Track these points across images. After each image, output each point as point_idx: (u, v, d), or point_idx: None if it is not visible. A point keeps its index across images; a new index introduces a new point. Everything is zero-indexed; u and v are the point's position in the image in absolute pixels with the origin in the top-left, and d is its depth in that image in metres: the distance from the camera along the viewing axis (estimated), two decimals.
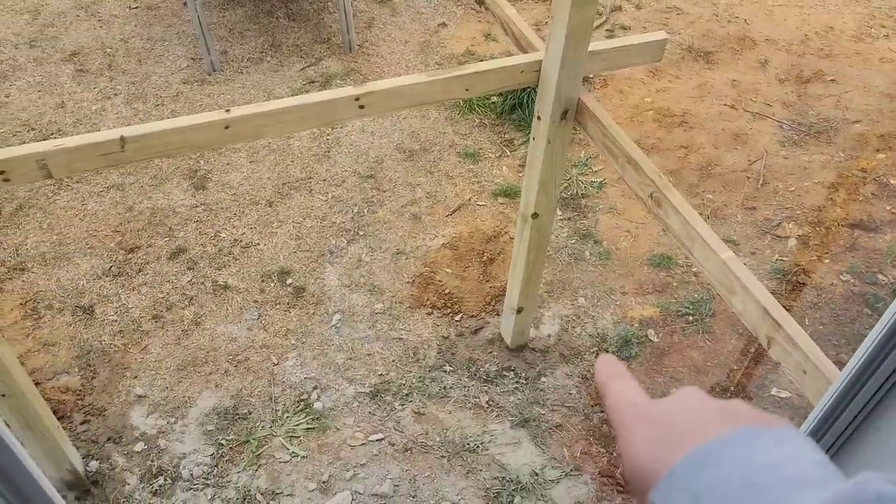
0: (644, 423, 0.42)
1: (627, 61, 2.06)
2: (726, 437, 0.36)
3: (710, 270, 1.62)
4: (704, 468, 0.35)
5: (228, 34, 4.39)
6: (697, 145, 3.67)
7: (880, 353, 0.95)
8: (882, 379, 1.00)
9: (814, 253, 3.16)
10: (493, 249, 3.18)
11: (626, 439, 0.42)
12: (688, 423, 0.39)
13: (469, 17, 4.58)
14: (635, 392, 0.46)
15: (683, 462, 0.36)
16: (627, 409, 0.44)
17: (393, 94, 1.85)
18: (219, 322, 2.87)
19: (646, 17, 4.56)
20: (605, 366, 0.51)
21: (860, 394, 1.00)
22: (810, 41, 4.36)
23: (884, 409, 1.05)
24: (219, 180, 3.47)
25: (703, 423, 0.38)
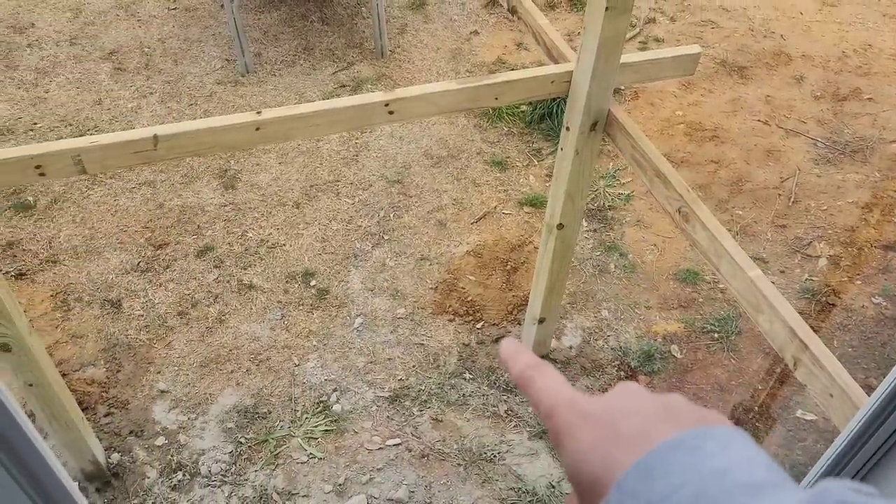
0: (586, 424, 0.40)
1: (659, 74, 2.04)
2: (672, 440, 0.35)
3: (736, 288, 1.60)
4: (654, 477, 0.34)
5: (263, 36, 4.45)
6: (728, 160, 3.63)
7: None
8: None
9: (845, 274, 3.10)
10: (517, 258, 3.17)
11: (570, 445, 0.40)
12: (632, 424, 0.38)
13: (501, 25, 4.59)
14: (567, 387, 0.44)
15: (632, 471, 0.35)
16: (566, 410, 0.41)
17: (422, 100, 1.86)
18: (242, 321, 2.90)
19: (680, 29, 4.52)
20: (517, 353, 0.48)
21: (889, 420, 0.98)
22: (848, 58, 4.29)
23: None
24: (248, 180, 3.51)
25: (647, 425, 0.38)
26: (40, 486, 0.48)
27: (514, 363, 0.47)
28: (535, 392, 0.44)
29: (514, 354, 0.48)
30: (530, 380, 0.45)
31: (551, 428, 0.42)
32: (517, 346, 0.49)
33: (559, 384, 0.44)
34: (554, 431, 0.42)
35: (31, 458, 0.47)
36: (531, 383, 0.45)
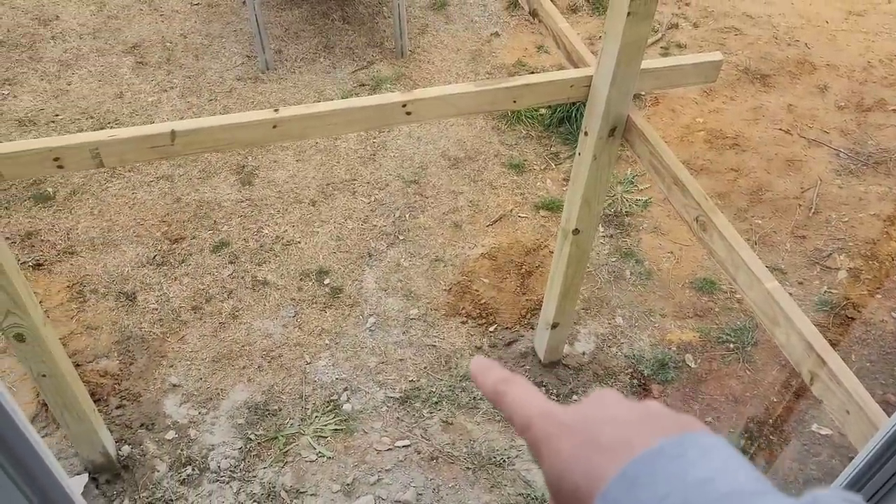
0: (564, 433, 0.39)
1: (680, 81, 2.02)
2: (654, 449, 0.35)
3: (753, 299, 1.58)
4: (639, 486, 0.34)
5: (284, 34, 4.46)
6: (748, 169, 3.59)
7: None
8: None
9: (865, 287, 3.05)
10: (531, 262, 3.15)
11: (549, 455, 0.39)
12: (612, 432, 0.38)
13: (522, 27, 4.57)
14: (540, 398, 0.43)
15: (616, 481, 0.34)
16: (542, 420, 0.41)
17: (440, 101, 1.85)
18: (255, 317, 2.90)
19: (703, 35, 4.48)
20: (488, 369, 0.47)
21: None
22: (873, 69, 4.23)
23: None
24: (265, 177, 3.52)
25: (627, 432, 0.37)
26: (38, 487, 0.48)
27: (485, 378, 0.47)
28: (508, 405, 0.44)
29: (485, 370, 0.47)
30: (502, 394, 0.45)
31: (528, 440, 0.42)
32: (487, 362, 0.48)
33: (532, 395, 0.44)
34: (532, 443, 0.41)
35: (29, 459, 0.46)
36: (503, 397, 0.45)
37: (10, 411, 0.44)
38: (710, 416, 2.62)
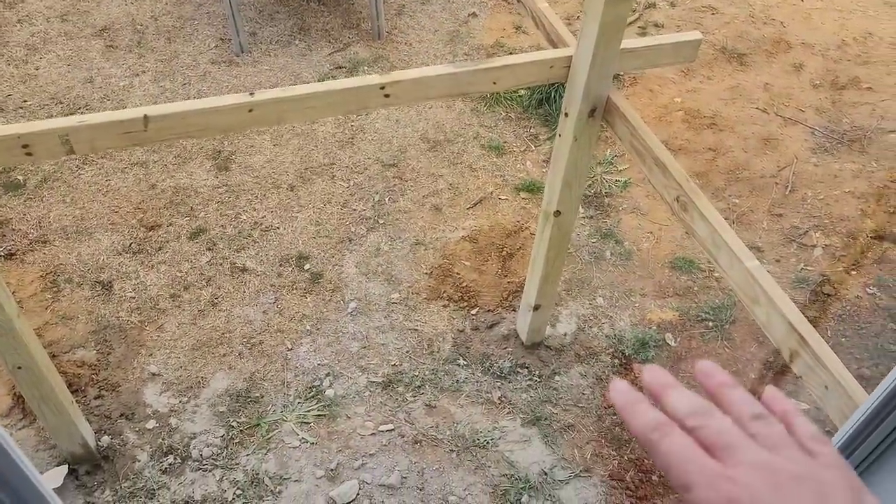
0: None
1: (659, 61, 2.01)
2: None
3: (734, 278, 1.59)
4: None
5: (258, 16, 4.39)
6: (726, 148, 3.61)
7: None
8: None
9: (840, 264, 3.09)
10: (512, 244, 3.15)
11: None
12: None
13: (500, 7, 4.53)
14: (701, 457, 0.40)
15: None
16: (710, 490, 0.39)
17: (418, 84, 1.83)
18: (235, 304, 2.87)
19: (680, 15, 4.48)
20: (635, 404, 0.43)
21: (887, 420, 0.97)
22: (848, 47, 4.26)
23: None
24: (242, 162, 3.47)
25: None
26: (9, 486, 0.46)
27: (633, 419, 0.43)
28: (663, 455, 0.41)
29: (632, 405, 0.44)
30: (655, 444, 0.42)
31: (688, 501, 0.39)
32: (634, 395, 0.44)
33: (690, 451, 0.40)
34: None
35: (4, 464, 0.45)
36: (657, 447, 0.41)
37: None
38: None
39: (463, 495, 2.31)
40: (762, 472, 0.38)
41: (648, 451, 0.42)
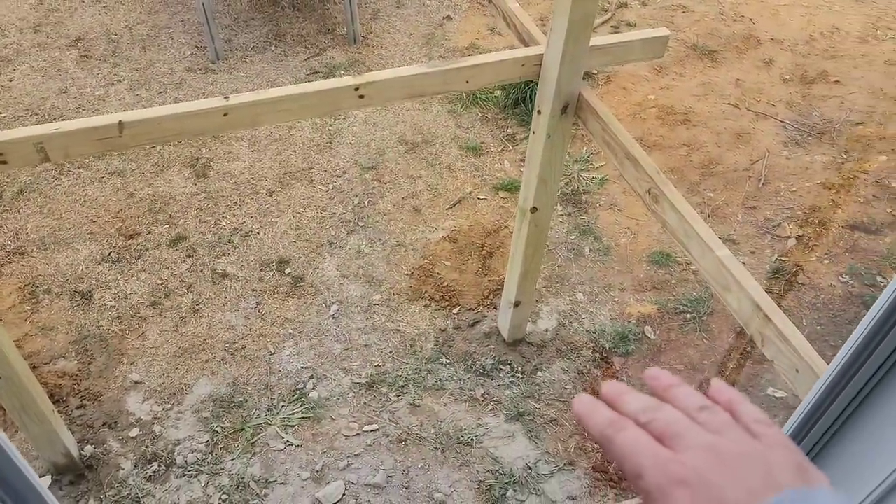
0: (682, 492, 0.38)
1: (628, 57, 2.05)
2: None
3: (706, 267, 1.62)
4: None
5: (233, 23, 4.39)
6: (700, 144, 3.66)
7: (867, 347, 0.94)
8: (868, 375, 1.00)
9: (813, 254, 3.15)
10: (492, 243, 3.18)
11: None
12: (734, 493, 0.37)
13: (474, 10, 4.57)
14: (652, 446, 0.42)
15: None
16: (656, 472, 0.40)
17: (392, 84, 1.85)
18: (217, 310, 2.87)
19: (651, 14, 4.54)
20: (594, 411, 0.46)
21: (847, 389, 1.00)
22: (815, 42, 4.34)
23: (869, 404, 1.04)
24: (220, 168, 3.47)
25: (749, 492, 0.37)
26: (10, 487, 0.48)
27: (591, 420, 0.45)
28: (617, 450, 0.43)
29: (591, 411, 0.46)
30: (610, 439, 0.44)
31: (640, 489, 0.41)
32: (592, 402, 0.47)
33: (643, 442, 0.42)
34: (644, 494, 0.40)
35: None
36: (612, 442, 0.43)
37: None
38: None
39: (448, 492, 2.32)
40: (709, 454, 0.40)
41: (605, 448, 0.44)
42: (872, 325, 0.89)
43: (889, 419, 0.99)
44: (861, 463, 1.07)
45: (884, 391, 1.00)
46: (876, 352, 0.92)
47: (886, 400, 1.00)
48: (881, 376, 0.96)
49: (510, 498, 2.31)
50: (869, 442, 1.04)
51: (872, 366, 0.94)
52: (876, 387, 0.99)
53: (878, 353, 0.92)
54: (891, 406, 1.01)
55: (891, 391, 0.99)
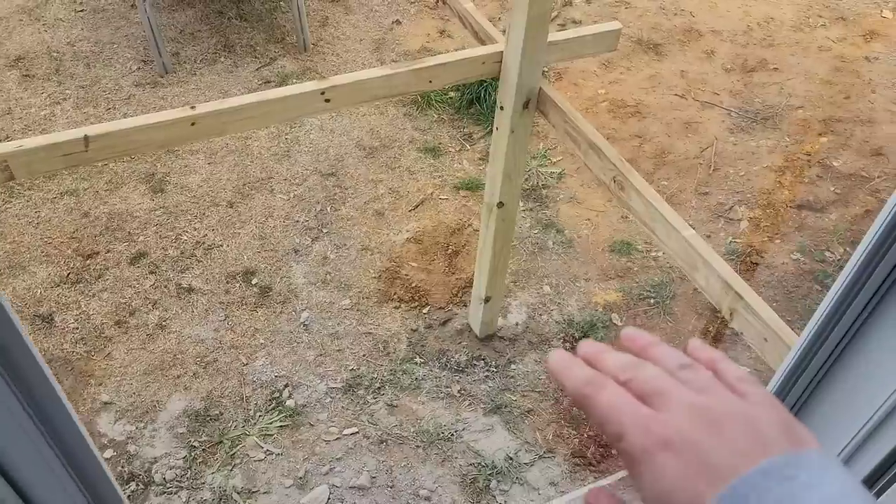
0: (666, 452, 0.36)
1: (584, 51, 2.11)
2: (763, 468, 0.32)
3: (673, 248, 1.69)
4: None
5: (179, 35, 4.33)
6: (651, 134, 3.77)
7: (834, 316, 1.01)
8: (836, 341, 1.06)
9: (765, 234, 3.28)
10: (457, 242, 3.22)
11: (648, 474, 0.36)
12: (720, 452, 0.35)
13: (423, 14, 4.61)
14: (634, 405, 0.39)
15: (724, 500, 0.32)
16: (638, 433, 0.37)
17: (357, 87, 1.87)
18: (185, 325, 2.84)
19: (596, 11, 4.65)
20: (569, 367, 0.43)
21: (817, 356, 1.06)
22: (753, 32, 4.51)
23: (838, 369, 1.11)
24: (177, 183, 3.42)
25: (736, 452, 0.34)
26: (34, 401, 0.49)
27: (568, 377, 0.42)
28: (596, 409, 0.40)
29: (567, 367, 0.43)
30: (590, 398, 0.41)
31: (622, 451, 0.38)
32: (569, 358, 0.44)
33: (622, 400, 0.40)
34: (626, 456, 0.38)
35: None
36: (591, 401, 0.41)
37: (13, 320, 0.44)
38: None
39: (433, 488, 2.35)
40: (693, 412, 0.38)
41: (583, 408, 0.41)
42: (840, 292, 0.94)
43: (860, 377, 1.06)
44: (836, 423, 1.13)
45: (854, 351, 1.06)
46: (842, 320, 0.98)
47: (856, 360, 1.07)
48: (851, 336, 1.03)
49: (494, 489, 2.35)
50: (842, 402, 1.11)
51: (839, 333, 1.00)
52: (843, 353, 1.05)
53: (844, 320, 0.98)
54: (860, 365, 1.08)
55: (861, 350, 1.06)
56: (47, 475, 0.57)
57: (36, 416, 0.52)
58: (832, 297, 1.03)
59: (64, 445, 0.55)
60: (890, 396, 0.90)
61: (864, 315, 0.89)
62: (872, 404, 0.91)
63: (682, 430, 0.37)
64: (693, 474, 0.34)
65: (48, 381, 0.51)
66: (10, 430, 0.51)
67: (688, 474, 0.35)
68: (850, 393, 1.11)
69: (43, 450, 0.54)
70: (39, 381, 0.50)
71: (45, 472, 0.56)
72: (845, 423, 1.11)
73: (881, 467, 0.96)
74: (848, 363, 1.10)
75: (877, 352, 0.91)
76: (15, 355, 0.49)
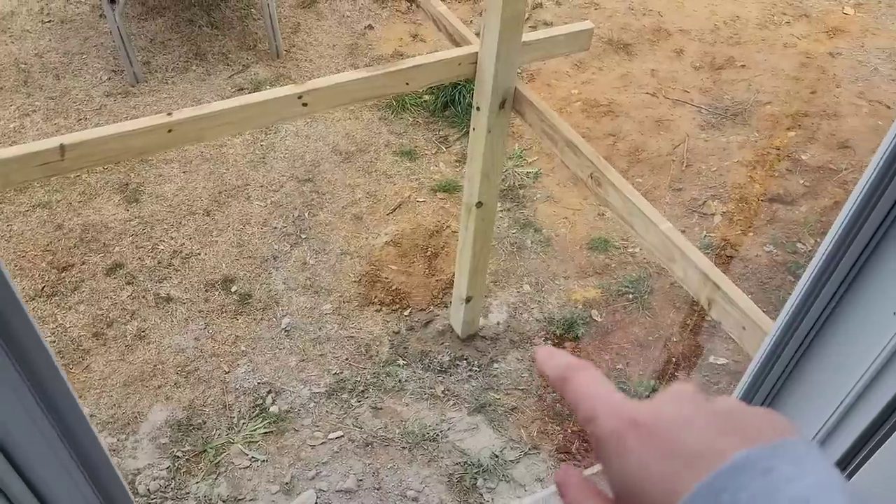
0: (637, 436, 0.34)
1: (558, 50, 2.14)
2: (740, 460, 0.31)
3: (651, 242, 1.72)
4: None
5: (149, 44, 4.30)
6: (624, 133, 3.82)
7: (805, 303, 1.04)
8: (808, 327, 1.09)
9: (738, 227, 3.34)
10: (436, 244, 3.23)
11: (617, 457, 0.34)
12: (695, 439, 0.33)
13: (395, 18, 4.62)
14: (608, 388, 0.38)
15: (697, 497, 0.31)
16: (611, 416, 0.36)
17: (335, 90, 1.87)
18: (164, 335, 2.81)
19: (566, 12, 4.71)
20: (552, 356, 0.42)
21: (791, 341, 1.10)
22: (720, 30, 4.59)
23: (811, 354, 1.14)
24: (152, 192, 3.40)
25: (712, 439, 0.33)
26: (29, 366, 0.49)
27: (549, 366, 0.42)
28: (571, 392, 0.39)
29: (549, 357, 0.42)
30: (566, 381, 0.40)
31: (593, 435, 0.37)
32: (553, 350, 0.43)
33: (599, 384, 0.39)
34: (596, 440, 0.36)
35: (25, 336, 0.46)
36: (567, 384, 0.40)
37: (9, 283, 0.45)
38: (621, 364, 2.80)
39: (420, 488, 2.35)
40: (670, 397, 0.36)
41: (560, 391, 0.41)
42: (810, 280, 0.97)
43: (833, 362, 1.09)
44: (810, 404, 1.17)
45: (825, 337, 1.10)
46: (813, 307, 1.01)
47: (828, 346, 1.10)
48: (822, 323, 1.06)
49: (481, 487, 2.36)
50: (816, 383, 1.14)
51: (811, 319, 1.03)
52: (814, 339, 1.09)
53: (815, 306, 1.01)
54: (832, 350, 1.12)
55: (832, 336, 1.09)
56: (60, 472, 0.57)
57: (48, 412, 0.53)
58: (802, 285, 1.06)
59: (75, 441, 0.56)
60: (861, 377, 0.93)
61: (832, 303, 0.91)
62: (846, 386, 0.94)
63: (657, 413, 0.35)
64: (666, 463, 0.33)
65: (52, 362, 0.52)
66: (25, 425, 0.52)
67: (659, 463, 0.33)
68: (825, 375, 1.14)
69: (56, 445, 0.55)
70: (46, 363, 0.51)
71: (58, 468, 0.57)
72: (820, 406, 1.14)
73: (853, 448, 1.00)
74: (820, 350, 1.14)
75: (848, 336, 0.94)
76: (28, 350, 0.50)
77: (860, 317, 0.92)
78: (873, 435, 0.90)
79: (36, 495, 0.57)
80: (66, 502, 0.59)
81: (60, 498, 0.58)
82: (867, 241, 0.82)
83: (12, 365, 0.48)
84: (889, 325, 0.81)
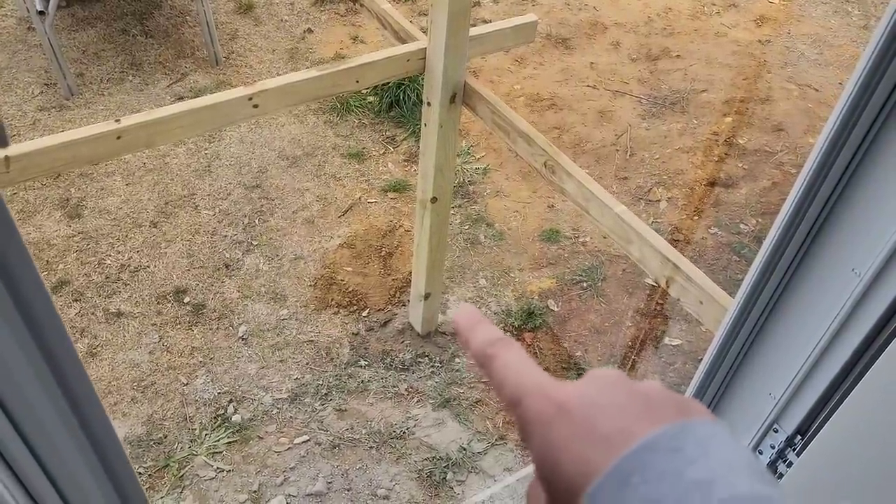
0: (560, 418, 0.34)
1: (504, 43, 2.18)
2: (649, 441, 0.31)
3: (606, 224, 1.76)
4: (628, 488, 0.30)
5: (82, 56, 4.17)
6: (568, 125, 3.90)
7: (761, 280, 1.09)
8: (771, 291, 1.15)
9: (683, 212, 3.44)
10: (390, 244, 3.23)
11: (540, 439, 0.34)
12: (611, 420, 0.33)
13: (333, 21, 4.60)
14: (534, 369, 0.37)
15: (606, 480, 0.31)
16: (536, 398, 0.35)
17: (285, 91, 1.86)
18: (117, 350, 2.74)
19: (504, 10, 4.77)
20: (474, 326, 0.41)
21: (750, 316, 1.14)
22: (654, 22, 4.72)
23: (775, 317, 1.20)
24: (95, 206, 3.30)
25: (626, 421, 0.33)
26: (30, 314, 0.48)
27: (472, 338, 0.40)
28: (497, 373, 0.38)
29: (471, 326, 0.41)
30: (491, 358, 0.39)
31: (517, 417, 0.36)
32: (475, 315, 0.41)
33: (525, 365, 0.38)
34: (521, 421, 0.36)
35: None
36: (492, 362, 0.38)
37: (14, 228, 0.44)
38: (580, 350, 2.85)
39: (391, 486, 2.35)
40: (591, 379, 0.36)
41: (484, 369, 0.39)
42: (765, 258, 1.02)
43: (795, 321, 1.15)
44: (770, 376, 1.22)
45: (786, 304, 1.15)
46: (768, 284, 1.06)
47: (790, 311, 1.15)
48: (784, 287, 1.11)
49: (450, 480, 2.37)
50: (775, 358, 1.19)
51: (766, 296, 1.08)
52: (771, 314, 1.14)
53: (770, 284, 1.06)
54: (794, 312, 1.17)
55: (795, 298, 1.14)
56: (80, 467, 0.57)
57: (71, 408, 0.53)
58: (764, 251, 1.11)
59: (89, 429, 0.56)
60: (825, 333, 0.97)
61: (794, 264, 0.96)
62: (811, 343, 0.99)
63: (579, 396, 0.35)
64: (582, 444, 0.33)
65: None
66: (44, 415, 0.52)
67: (576, 444, 0.33)
68: (789, 336, 1.20)
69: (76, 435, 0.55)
70: None
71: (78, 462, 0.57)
72: (787, 364, 1.19)
73: (820, 402, 1.05)
74: (783, 314, 1.19)
75: (811, 295, 0.99)
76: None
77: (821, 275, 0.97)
78: (838, 387, 0.95)
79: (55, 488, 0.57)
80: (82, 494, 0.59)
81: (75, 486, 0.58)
82: (823, 203, 0.87)
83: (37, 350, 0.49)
84: (848, 281, 0.85)
